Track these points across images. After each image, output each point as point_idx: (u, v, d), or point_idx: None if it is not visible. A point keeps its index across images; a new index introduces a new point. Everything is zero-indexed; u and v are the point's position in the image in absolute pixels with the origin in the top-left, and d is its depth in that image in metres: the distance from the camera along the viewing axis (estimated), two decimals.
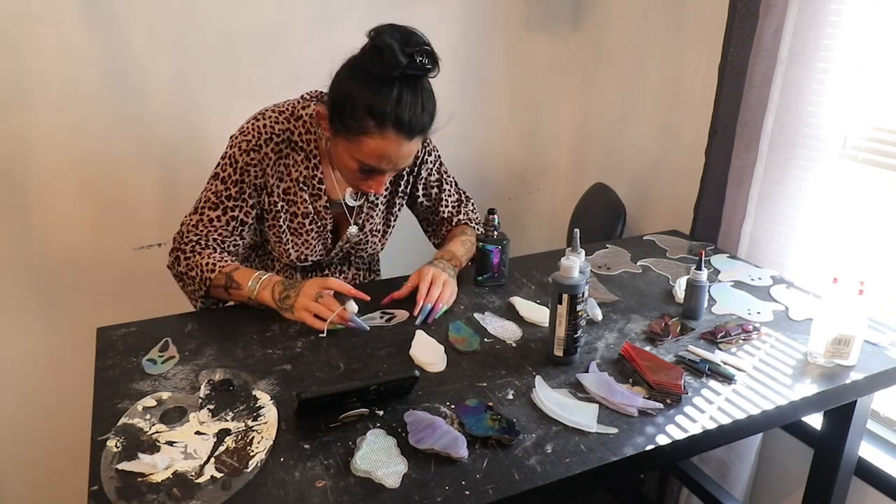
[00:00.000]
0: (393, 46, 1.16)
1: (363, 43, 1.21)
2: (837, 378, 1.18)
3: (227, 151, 1.34)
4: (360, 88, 1.20)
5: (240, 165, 1.33)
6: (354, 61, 1.24)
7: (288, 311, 1.29)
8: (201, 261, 1.33)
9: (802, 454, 1.63)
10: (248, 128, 1.34)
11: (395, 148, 1.23)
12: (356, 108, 1.20)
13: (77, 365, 1.83)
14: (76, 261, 1.84)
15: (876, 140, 1.47)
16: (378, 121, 1.20)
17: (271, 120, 1.34)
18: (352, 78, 1.22)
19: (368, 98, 1.19)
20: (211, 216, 1.35)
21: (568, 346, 1.17)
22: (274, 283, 1.31)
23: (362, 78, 1.20)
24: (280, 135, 1.34)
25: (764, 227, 1.66)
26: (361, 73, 1.20)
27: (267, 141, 1.33)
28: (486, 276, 1.49)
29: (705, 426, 1.04)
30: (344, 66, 1.26)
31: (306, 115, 1.35)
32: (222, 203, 1.34)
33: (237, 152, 1.33)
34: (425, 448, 0.95)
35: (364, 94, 1.19)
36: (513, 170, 2.43)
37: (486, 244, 1.46)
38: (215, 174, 1.35)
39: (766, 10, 1.53)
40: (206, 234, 1.36)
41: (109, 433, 0.97)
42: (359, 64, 1.22)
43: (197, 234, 1.36)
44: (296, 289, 1.28)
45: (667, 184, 2.05)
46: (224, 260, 1.35)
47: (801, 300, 1.45)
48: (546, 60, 2.33)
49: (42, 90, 1.67)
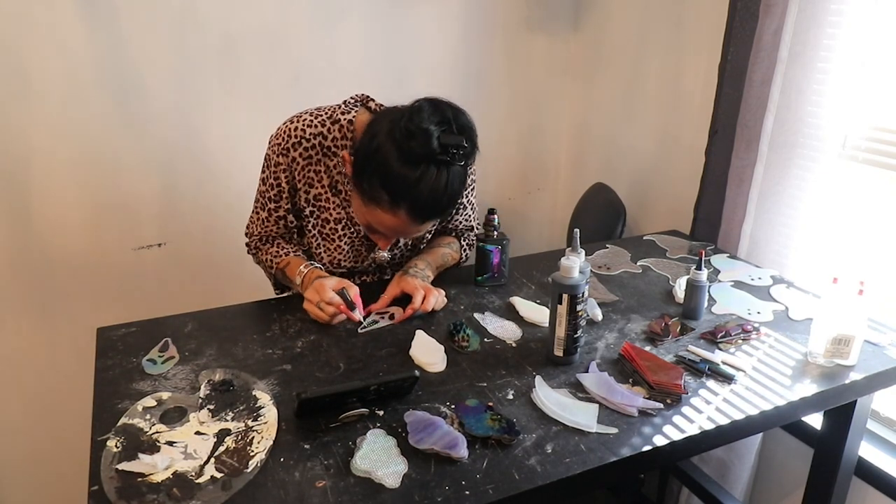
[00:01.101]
0: (430, 135, 1.10)
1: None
2: (837, 378, 1.18)
3: (266, 152, 1.35)
4: (385, 157, 1.13)
5: (273, 168, 1.33)
6: (394, 119, 1.14)
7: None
8: (264, 257, 1.41)
9: (802, 454, 1.63)
10: (281, 129, 1.32)
11: (405, 227, 1.20)
12: (374, 177, 1.15)
13: (77, 365, 1.84)
14: (76, 261, 1.84)
15: (876, 140, 1.47)
16: (392, 199, 1.14)
17: (304, 122, 1.30)
18: (383, 139, 1.14)
19: (389, 172, 1.12)
20: (262, 216, 1.39)
21: (568, 346, 1.17)
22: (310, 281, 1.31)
23: (388, 147, 1.12)
24: (311, 139, 1.30)
25: (764, 226, 1.66)
26: (394, 140, 1.12)
27: (296, 145, 1.30)
28: (486, 276, 1.48)
29: (705, 426, 1.04)
30: (384, 117, 1.19)
31: (345, 120, 1.30)
32: (266, 204, 1.37)
33: (271, 153, 1.33)
34: (425, 448, 0.95)
35: (386, 166, 1.12)
36: (513, 170, 2.44)
37: (486, 244, 1.46)
38: (262, 174, 1.38)
39: (766, 10, 1.53)
40: (264, 230, 1.40)
41: (109, 433, 0.97)
42: (395, 126, 1.13)
43: (258, 231, 1.41)
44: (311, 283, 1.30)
45: (667, 184, 2.05)
46: (281, 255, 1.39)
47: (801, 300, 1.45)
48: (546, 60, 2.33)
49: (42, 91, 1.67)
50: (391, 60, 2.06)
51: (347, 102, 1.36)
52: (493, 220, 1.45)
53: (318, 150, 1.32)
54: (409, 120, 1.12)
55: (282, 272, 1.40)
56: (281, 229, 1.41)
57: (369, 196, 1.18)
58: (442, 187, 1.14)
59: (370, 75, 2.04)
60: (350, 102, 1.36)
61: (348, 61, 1.99)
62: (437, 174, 1.13)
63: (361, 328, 1.29)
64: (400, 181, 1.12)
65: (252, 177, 1.42)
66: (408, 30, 2.05)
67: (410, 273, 1.38)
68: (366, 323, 1.30)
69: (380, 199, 1.16)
